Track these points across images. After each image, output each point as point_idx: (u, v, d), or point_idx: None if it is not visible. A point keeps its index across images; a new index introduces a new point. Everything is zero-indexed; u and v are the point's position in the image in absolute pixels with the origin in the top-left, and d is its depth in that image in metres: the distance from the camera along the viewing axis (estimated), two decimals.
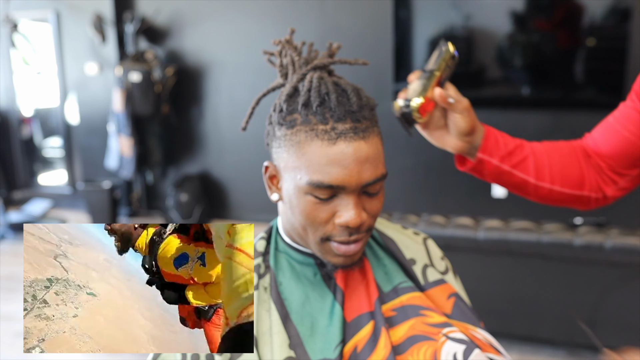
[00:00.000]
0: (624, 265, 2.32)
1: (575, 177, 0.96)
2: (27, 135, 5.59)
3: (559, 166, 0.95)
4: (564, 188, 0.96)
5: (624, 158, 0.94)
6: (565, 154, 0.96)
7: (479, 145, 0.92)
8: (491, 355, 0.85)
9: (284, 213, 0.88)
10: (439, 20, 3.81)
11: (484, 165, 0.93)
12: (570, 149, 0.97)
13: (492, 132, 0.93)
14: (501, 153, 0.93)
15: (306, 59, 0.87)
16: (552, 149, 0.97)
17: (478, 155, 0.93)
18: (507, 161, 0.93)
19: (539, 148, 0.96)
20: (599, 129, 0.97)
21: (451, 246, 2.49)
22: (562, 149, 0.97)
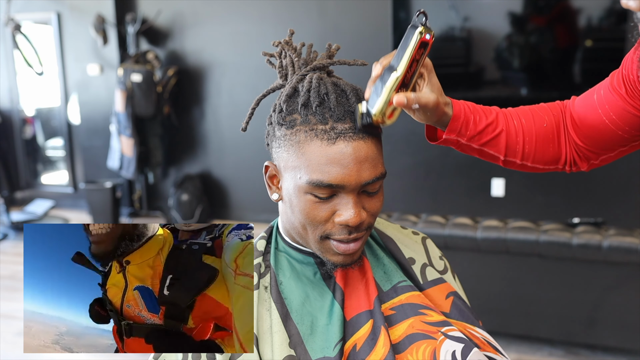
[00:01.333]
0: (621, 265, 2.33)
1: (550, 155, 0.94)
2: (29, 136, 5.59)
3: (534, 145, 0.93)
4: (536, 164, 0.94)
5: (601, 142, 0.92)
6: (544, 132, 0.93)
7: (446, 125, 0.88)
8: (489, 354, 0.85)
9: (284, 212, 0.88)
10: (437, 22, 3.82)
11: (451, 143, 0.91)
12: (550, 124, 0.94)
13: (462, 112, 0.88)
14: (470, 133, 0.89)
15: (305, 60, 0.88)
16: (530, 126, 0.93)
17: (444, 136, 0.89)
18: (476, 140, 0.90)
19: (514, 125, 0.92)
20: (583, 104, 0.93)
21: (450, 246, 2.50)
22: (540, 124, 0.93)
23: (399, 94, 0.79)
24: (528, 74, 3.77)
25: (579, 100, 0.95)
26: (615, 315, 2.40)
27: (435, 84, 0.84)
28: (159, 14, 4.58)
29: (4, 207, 4.78)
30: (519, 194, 3.91)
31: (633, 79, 0.85)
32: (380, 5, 3.95)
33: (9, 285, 3.66)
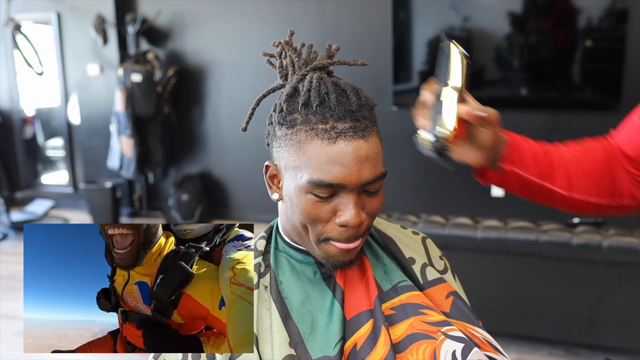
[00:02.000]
0: (621, 265, 2.33)
1: (608, 186, 0.86)
2: (29, 136, 5.60)
3: (592, 175, 0.85)
4: (601, 199, 0.86)
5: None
6: (596, 160, 0.86)
7: (503, 155, 0.83)
8: (490, 354, 0.85)
9: (284, 212, 0.88)
10: (437, 22, 3.82)
11: (509, 177, 0.84)
12: (599, 155, 0.87)
13: (517, 140, 0.83)
14: (528, 163, 0.82)
15: (306, 60, 0.88)
16: (582, 157, 0.86)
17: (503, 168, 0.83)
18: (535, 172, 0.83)
19: (568, 156, 0.85)
20: (624, 130, 0.87)
21: (450, 245, 2.50)
22: (592, 155, 0.86)
23: (461, 104, 0.76)
24: (528, 74, 3.77)
25: (620, 129, 0.88)
26: (615, 315, 2.40)
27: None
28: (159, 14, 4.58)
29: (4, 207, 4.79)
30: None
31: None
32: (380, 5, 3.96)
33: (9, 285, 3.66)
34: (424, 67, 3.92)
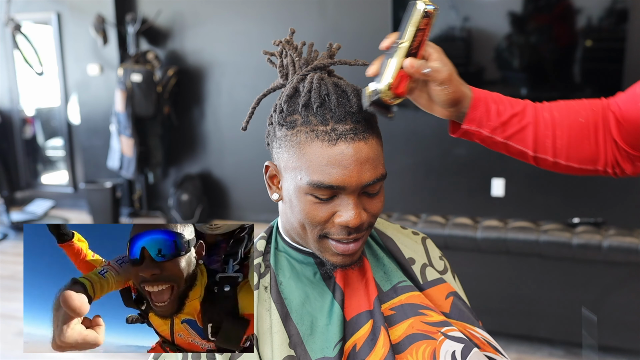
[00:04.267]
0: (621, 265, 2.33)
1: (586, 153, 0.86)
2: (29, 136, 5.60)
3: (567, 140, 0.85)
4: (571, 162, 0.86)
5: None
6: (578, 126, 0.85)
7: (466, 114, 0.84)
8: (489, 354, 0.85)
9: (284, 213, 0.88)
10: (437, 22, 3.82)
11: (472, 135, 0.86)
12: (586, 119, 0.86)
13: (482, 100, 0.83)
14: (492, 124, 0.83)
15: (306, 60, 0.87)
16: (562, 119, 0.85)
17: (463, 127, 0.85)
18: (499, 132, 0.84)
19: (546, 117, 0.85)
20: (625, 99, 0.85)
21: (450, 246, 2.50)
22: (575, 118, 0.86)
23: (408, 58, 0.77)
24: (528, 74, 3.77)
25: (623, 95, 0.86)
26: (615, 315, 2.40)
27: (449, 63, 0.81)
28: (159, 14, 4.58)
29: (4, 207, 4.79)
30: (519, 194, 3.91)
31: None
32: (380, 5, 3.96)
33: (9, 285, 3.66)
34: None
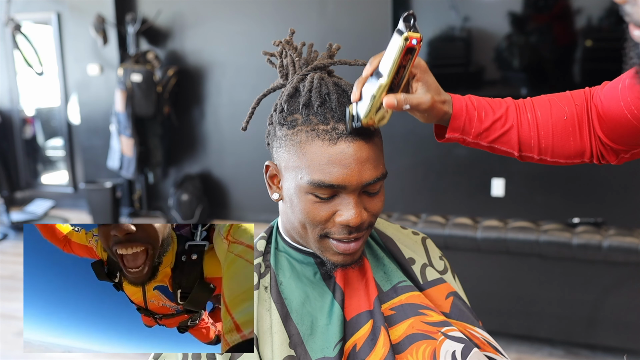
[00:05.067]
0: (621, 265, 2.33)
1: (572, 149, 0.86)
2: (29, 136, 5.60)
3: (552, 139, 0.86)
4: (557, 159, 0.87)
5: (624, 137, 0.83)
6: (562, 125, 0.86)
7: (448, 124, 0.85)
8: (489, 354, 0.85)
9: (284, 212, 0.88)
10: (437, 22, 3.82)
11: (456, 140, 0.87)
12: (570, 116, 0.86)
13: (464, 110, 0.84)
14: (476, 131, 0.84)
15: (306, 60, 0.87)
16: (546, 118, 0.86)
17: (447, 135, 0.85)
18: (483, 138, 0.85)
19: (528, 119, 0.86)
20: (608, 95, 0.84)
21: (450, 246, 2.50)
22: (559, 117, 0.86)
23: (388, 95, 0.77)
24: (528, 74, 3.77)
25: (607, 89, 0.86)
26: (615, 315, 2.40)
27: (432, 84, 0.81)
28: (159, 14, 4.58)
29: (4, 207, 4.79)
30: (519, 194, 3.91)
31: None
32: (380, 5, 3.96)
33: (9, 285, 3.66)
34: None
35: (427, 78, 0.81)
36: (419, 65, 0.81)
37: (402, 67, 0.76)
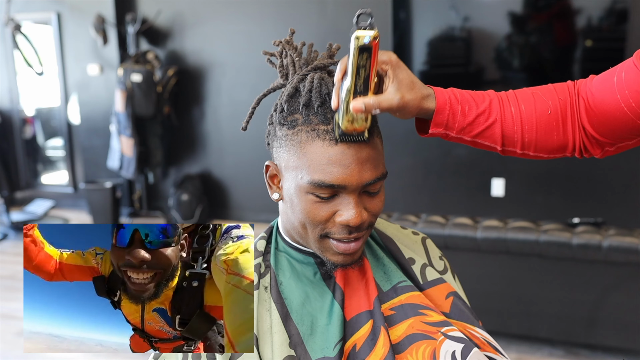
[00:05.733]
0: (621, 265, 2.33)
1: (555, 144, 0.85)
2: (29, 136, 5.60)
3: (535, 134, 0.84)
4: (539, 153, 0.86)
5: (617, 130, 0.82)
6: (546, 119, 0.84)
7: (431, 119, 0.82)
8: (489, 354, 0.85)
9: (284, 212, 0.88)
10: (437, 22, 3.82)
11: (440, 136, 0.85)
12: (554, 110, 0.84)
13: (448, 104, 0.81)
14: (459, 125, 0.82)
15: (306, 60, 0.87)
16: (530, 113, 0.84)
17: (430, 131, 0.84)
18: (466, 133, 0.83)
19: (512, 113, 0.84)
20: (601, 87, 0.83)
21: (450, 246, 2.50)
22: (543, 111, 0.84)
23: (355, 100, 0.74)
24: (528, 74, 3.77)
25: (598, 82, 0.84)
26: (615, 315, 2.40)
27: (404, 80, 0.78)
28: (159, 14, 4.58)
29: (4, 207, 4.79)
30: (519, 194, 3.91)
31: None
32: (380, 5, 3.96)
33: (9, 285, 3.66)
34: (424, 67, 3.92)
35: (399, 74, 0.78)
36: (390, 61, 0.78)
37: (362, 67, 0.74)
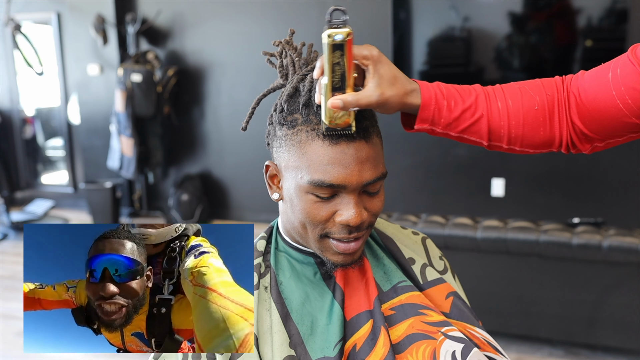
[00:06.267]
0: (621, 265, 2.33)
1: (541, 139, 0.84)
2: (29, 136, 5.60)
3: (522, 129, 0.83)
4: (526, 148, 0.85)
5: (609, 128, 0.81)
6: (533, 115, 0.83)
7: (417, 114, 0.81)
8: (489, 354, 0.85)
9: (284, 212, 0.88)
10: (437, 22, 3.82)
11: (427, 131, 0.84)
12: (541, 105, 0.83)
13: (433, 99, 0.80)
14: (445, 121, 0.81)
15: (306, 60, 0.87)
16: (517, 108, 0.83)
17: (415, 127, 0.82)
18: (452, 128, 0.82)
19: (498, 108, 0.83)
20: (593, 83, 0.81)
21: (450, 246, 2.50)
22: (530, 106, 0.83)
23: (333, 97, 0.74)
24: (528, 74, 3.77)
25: (590, 77, 0.82)
26: (615, 315, 2.40)
27: (384, 75, 0.76)
28: (159, 14, 4.59)
29: (4, 207, 4.79)
30: (519, 194, 3.91)
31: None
32: (380, 5, 3.96)
33: (9, 285, 3.66)
34: (424, 67, 3.93)
35: (380, 69, 0.77)
36: (371, 56, 0.77)
37: (336, 64, 0.73)
